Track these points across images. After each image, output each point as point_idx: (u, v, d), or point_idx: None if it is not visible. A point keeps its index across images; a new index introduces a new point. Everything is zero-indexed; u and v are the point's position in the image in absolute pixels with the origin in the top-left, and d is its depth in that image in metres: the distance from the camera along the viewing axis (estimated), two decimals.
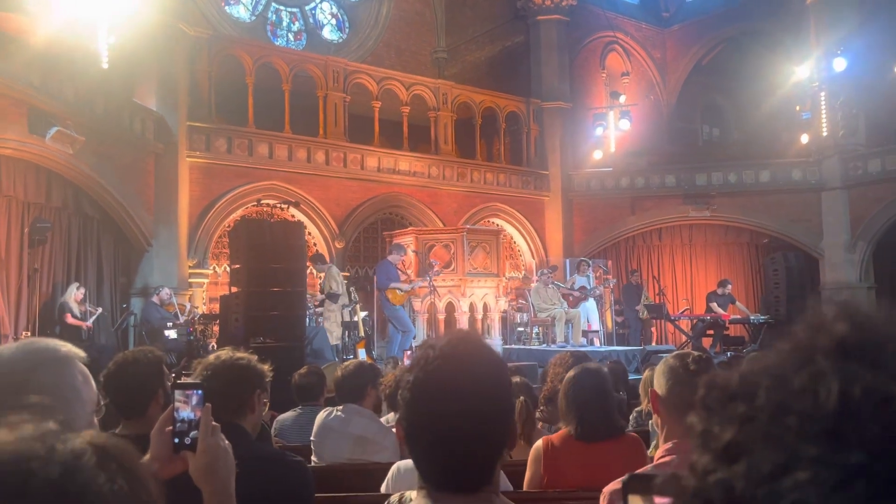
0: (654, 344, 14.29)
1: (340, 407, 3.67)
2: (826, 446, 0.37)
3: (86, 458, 0.53)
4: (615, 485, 1.96)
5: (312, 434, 3.66)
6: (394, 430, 3.70)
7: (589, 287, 12.79)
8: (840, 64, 14.55)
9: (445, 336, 1.23)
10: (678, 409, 1.94)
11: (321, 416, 3.68)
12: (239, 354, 2.31)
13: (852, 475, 0.35)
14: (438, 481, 1.16)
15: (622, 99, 17.16)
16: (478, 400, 1.13)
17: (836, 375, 0.38)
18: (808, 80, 15.34)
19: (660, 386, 2.01)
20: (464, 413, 1.12)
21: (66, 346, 1.19)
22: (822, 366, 0.39)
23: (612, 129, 16.62)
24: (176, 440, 1.40)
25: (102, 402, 1.28)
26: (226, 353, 2.31)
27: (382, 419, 4.02)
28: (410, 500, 1.27)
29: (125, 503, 0.53)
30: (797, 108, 16.22)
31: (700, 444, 0.42)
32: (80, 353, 1.20)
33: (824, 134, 15.15)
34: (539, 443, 2.80)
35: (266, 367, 2.35)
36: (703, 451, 0.41)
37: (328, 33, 17.64)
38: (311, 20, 17.54)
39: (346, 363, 4.04)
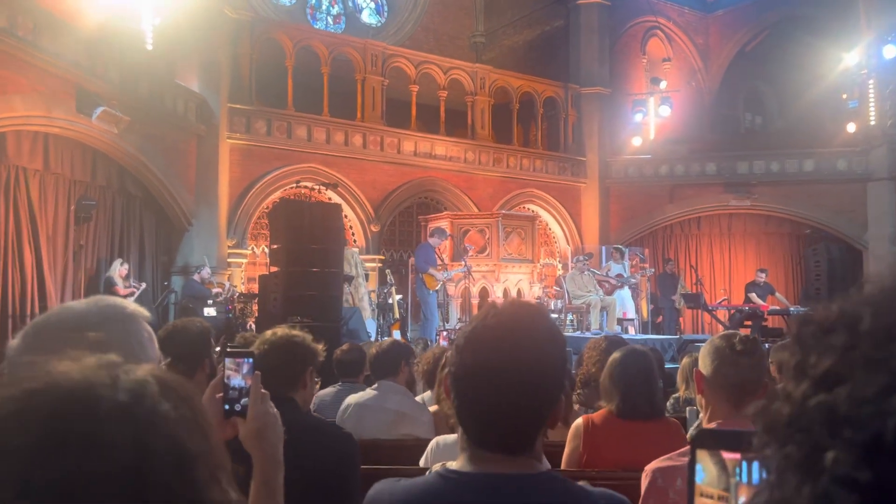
0: (687, 333, 14.13)
1: (375, 385, 3.71)
2: None
3: (150, 386, 0.54)
4: (657, 463, 1.96)
5: (343, 413, 3.66)
6: (430, 408, 3.73)
7: (625, 275, 12.69)
8: (890, 51, 14.12)
9: (504, 300, 1.25)
10: (724, 390, 1.93)
11: (353, 397, 3.71)
12: (295, 332, 2.40)
13: None
14: (480, 437, 1.16)
15: (663, 85, 16.88)
16: (529, 361, 1.14)
17: None
18: (855, 67, 14.92)
19: (705, 366, 2.00)
20: (513, 370, 1.13)
21: (133, 305, 1.23)
22: None
23: (651, 116, 16.39)
24: (226, 406, 1.44)
25: (163, 362, 1.33)
26: (282, 329, 2.41)
27: (417, 398, 4.05)
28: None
29: (189, 428, 0.54)
30: (843, 96, 15.81)
31: (795, 374, 0.42)
32: (146, 312, 1.24)
33: (872, 123, 14.74)
34: (579, 420, 2.81)
35: (320, 347, 2.45)
36: (800, 380, 0.42)
37: (367, 17, 17.66)
38: (350, 3, 17.57)
39: (381, 341, 4.10)
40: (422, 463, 2.82)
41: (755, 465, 0.66)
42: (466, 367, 1.15)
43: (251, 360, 1.49)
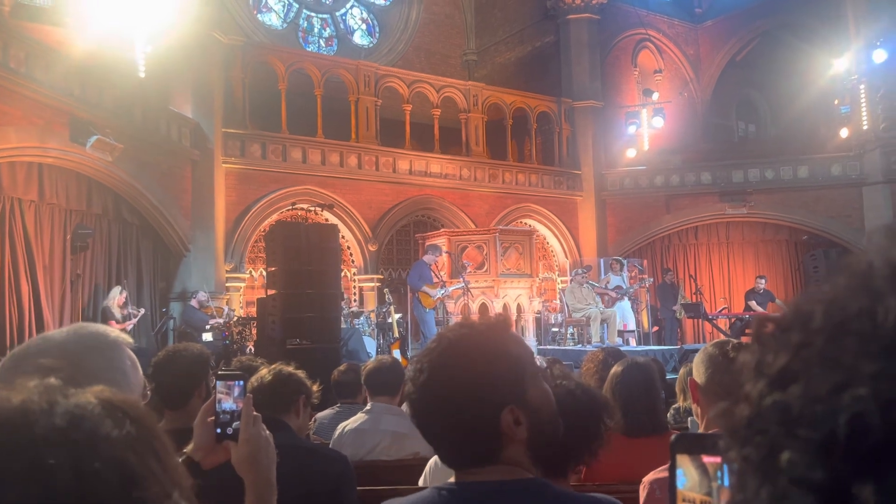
0: (688, 343, 14.10)
1: (367, 407, 3.67)
2: (885, 362, 0.37)
3: (90, 407, 0.53)
4: (654, 474, 1.94)
5: (337, 441, 3.61)
6: None
7: (624, 286, 12.68)
8: (880, 56, 14.22)
9: (461, 322, 1.29)
10: (718, 397, 1.91)
11: (345, 424, 3.65)
12: (287, 369, 2.55)
13: None
14: (443, 457, 1.26)
15: (655, 96, 16.98)
16: (465, 377, 1.19)
17: (895, 295, 0.38)
18: (846, 72, 15.02)
19: (699, 375, 1.99)
20: (449, 390, 1.19)
21: (115, 332, 1.22)
22: (880, 287, 0.39)
23: (645, 128, 16.46)
24: (218, 430, 1.43)
25: (148, 389, 1.31)
26: (276, 366, 2.57)
27: None
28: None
29: (136, 449, 0.53)
30: (835, 101, 15.89)
31: (754, 374, 0.42)
32: (129, 339, 1.23)
33: (865, 127, 14.81)
34: None
35: (314, 387, 2.63)
36: (757, 380, 0.41)
37: (359, 38, 17.79)
38: (341, 26, 17.70)
39: (377, 357, 4.08)
40: (420, 482, 2.79)
41: None
42: (413, 394, 1.24)
43: (242, 383, 1.48)
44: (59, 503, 0.47)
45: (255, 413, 1.43)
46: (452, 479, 1.24)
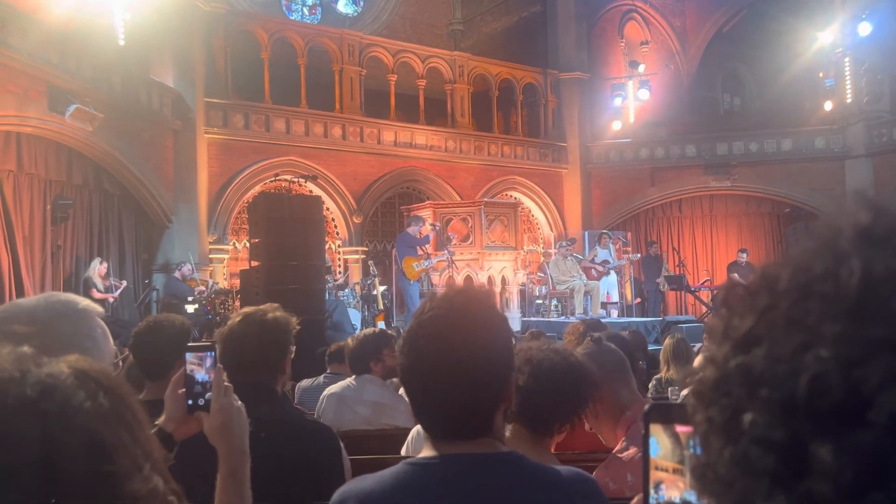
0: (671, 315, 14.23)
1: (352, 377, 3.70)
2: (848, 324, 0.37)
3: (63, 377, 0.53)
4: (598, 472, 1.97)
5: (320, 405, 3.64)
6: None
7: (611, 261, 12.75)
8: (865, 28, 14.21)
9: (444, 290, 1.25)
10: None
11: (331, 388, 3.69)
12: (270, 314, 2.23)
13: (874, 349, 0.36)
14: (435, 430, 1.20)
15: (641, 68, 16.91)
16: (469, 349, 1.15)
17: (859, 257, 0.38)
18: (831, 45, 15.01)
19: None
20: (451, 361, 1.15)
21: (85, 301, 1.20)
22: (845, 250, 0.39)
23: (631, 100, 16.42)
24: (190, 401, 1.43)
25: (119, 358, 1.30)
26: (257, 311, 2.25)
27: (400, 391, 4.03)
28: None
29: (107, 419, 0.52)
30: (820, 74, 15.90)
31: (720, 338, 0.42)
32: (99, 308, 1.22)
33: (848, 101, 14.86)
34: None
35: (293, 320, 2.30)
36: (723, 343, 0.42)
37: (343, 7, 17.53)
38: None
39: (358, 333, 4.05)
40: (403, 451, 2.82)
41: None
42: (409, 364, 1.19)
43: (213, 353, 1.47)
44: (24, 472, 0.47)
45: (226, 383, 1.42)
46: (427, 453, 1.21)
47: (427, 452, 1.20)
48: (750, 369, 0.39)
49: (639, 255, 14.34)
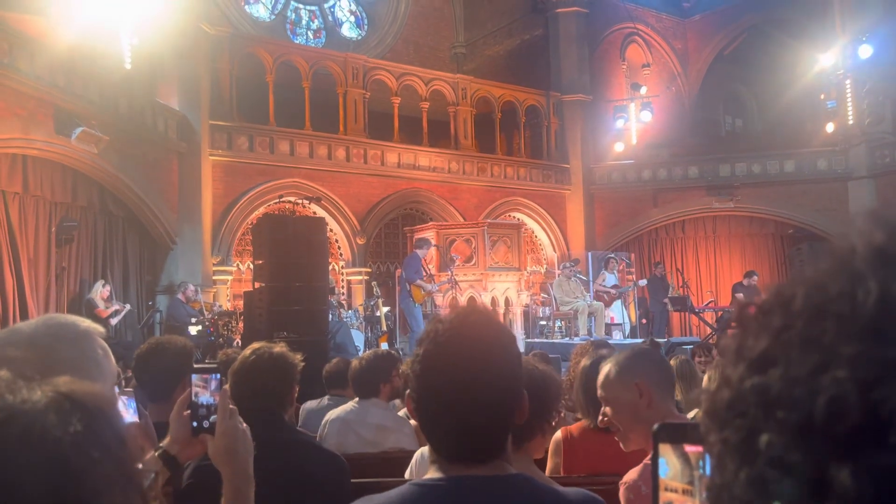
0: (675, 336, 14.16)
1: (355, 400, 3.67)
2: (864, 345, 0.36)
3: (34, 402, 0.51)
4: (632, 474, 1.94)
5: (323, 429, 3.61)
6: (411, 421, 3.69)
7: (618, 284, 12.76)
8: (866, 51, 14.29)
9: (454, 311, 1.24)
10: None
11: (334, 412, 3.65)
12: (278, 350, 2.38)
13: (892, 370, 0.35)
14: (451, 452, 1.18)
15: (643, 91, 17.00)
16: (488, 370, 1.15)
17: (875, 278, 0.38)
18: (832, 68, 15.09)
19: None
20: (475, 383, 1.13)
21: (86, 322, 1.20)
22: (860, 270, 0.39)
23: (633, 122, 16.48)
24: (195, 423, 1.43)
25: (122, 378, 1.30)
26: (266, 346, 2.38)
27: (400, 413, 4.00)
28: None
29: (79, 442, 0.51)
30: (821, 96, 15.96)
31: (735, 358, 0.42)
32: (100, 328, 1.22)
33: (850, 122, 14.90)
34: (559, 433, 2.77)
35: (297, 357, 2.45)
36: (738, 363, 0.41)
37: (347, 30, 17.70)
38: (330, 18, 17.61)
39: (362, 355, 3.99)
40: (407, 475, 2.79)
41: None
42: (426, 394, 1.17)
43: (218, 376, 1.48)
44: None
45: (231, 406, 1.42)
46: (433, 475, 1.19)
47: (434, 474, 1.18)
48: (766, 390, 0.39)
49: (645, 281, 14.30)
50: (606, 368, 2.05)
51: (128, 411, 2.09)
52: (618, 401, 2.00)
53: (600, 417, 2.07)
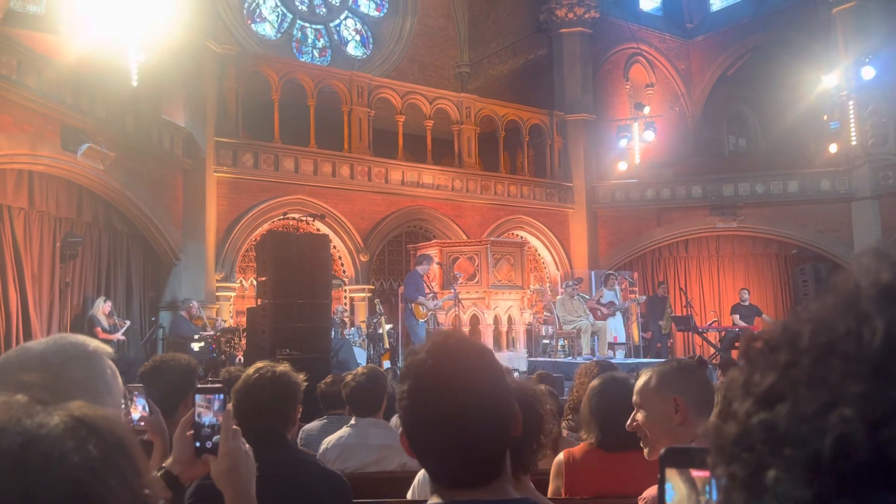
0: (679, 356, 14.09)
1: (352, 422, 3.57)
2: (871, 384, 0.37)
3: (51, 426, 0.52)
4: (652, 491, 1.92)
5: (323, 455, 3.53)
6: None
7: (617, 302, 12.70)
8: (869, 72, 14.35)
9: (429, 339, 1.23)
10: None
11: (331, 438, 3.56)
12: (282, 369, 2.39)
13: None
14: (451, 480, 1.17)
15: (646, 110, 17.07)
16: (476, 393, 1.14)
17: (882, 317, 0.38)
18: (835, 89, 15.15)
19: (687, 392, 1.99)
20: (466, 409, 1.13)
21: (95, 342, 1.20)
22: (867, 309, 0.39)
23: (636, 141, 16.53)
24: (198, 444, 1.42)
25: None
26: (269, 365, 2.39)
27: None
28: None
29: (96, 468, 0.51)
30: (824, 117, 16.01)
31: (742, 393, 0.42)
32: (108, 349, 1.22)
33: (853, 143, 14.93)
34: (561, 455, 2.75)
35: (300, 377, 2.47)
36: (745, 398, 0.41)
37: (352, 49, 17.84)
38: (335, 36, 17.75)
39: (356, 370, 3.80)
40: (409, 495, 2.77)
41: None
42: (419, 428, 1.17)
43: (222, 396, 1.47)
44: None
45: (235, 426, 1.42)
46: (435, 500, 1.18)
47: (435, 500, 1.17)
48: (773, 426, 0.39)
49: (644, 298, 14.27)
50: (646, 376, 2.05)
51: (137, 408, 2.11)
52: (653, 410, 1.99)
53: (629, 422, 2.06)
